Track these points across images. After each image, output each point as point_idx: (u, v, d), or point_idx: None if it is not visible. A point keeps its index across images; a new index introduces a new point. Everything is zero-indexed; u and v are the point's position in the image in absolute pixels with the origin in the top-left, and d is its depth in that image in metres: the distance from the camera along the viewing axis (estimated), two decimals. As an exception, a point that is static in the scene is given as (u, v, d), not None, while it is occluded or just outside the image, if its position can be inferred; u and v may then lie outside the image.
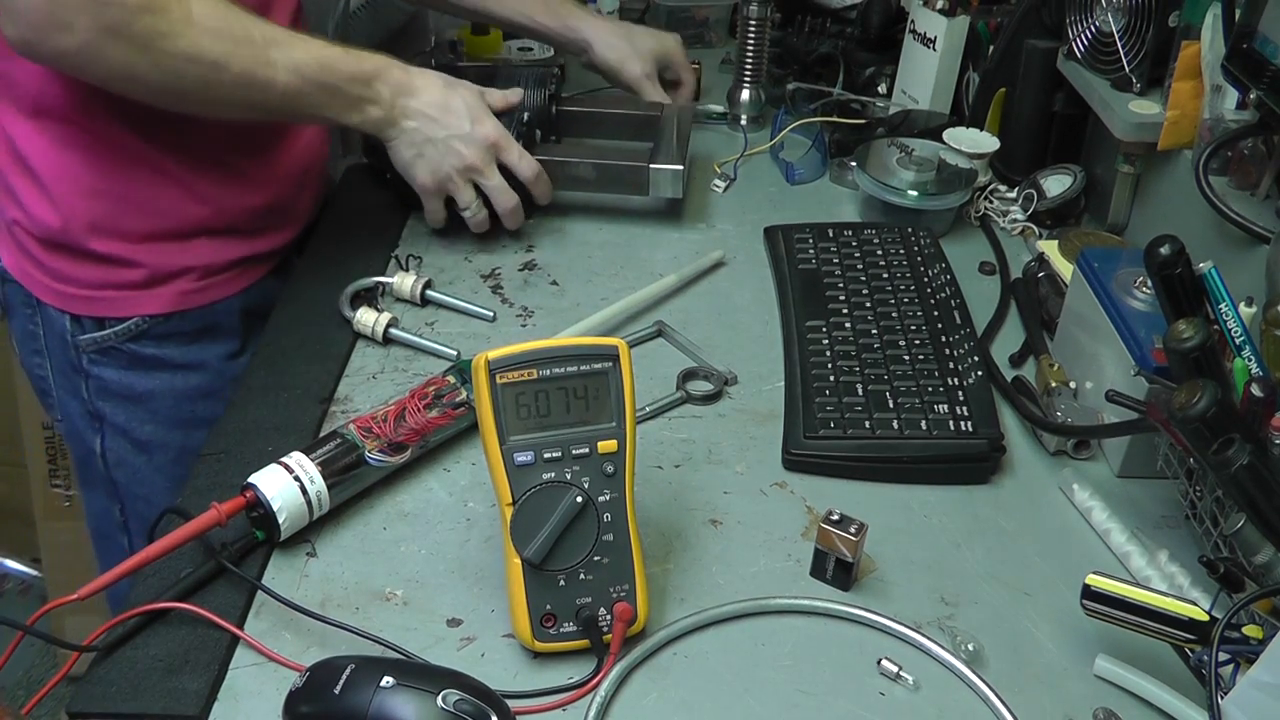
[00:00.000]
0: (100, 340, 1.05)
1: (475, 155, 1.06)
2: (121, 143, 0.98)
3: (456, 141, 1.05)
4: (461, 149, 1.06)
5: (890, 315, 1.02)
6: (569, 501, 0.71)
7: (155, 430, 1.10)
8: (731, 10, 1.70)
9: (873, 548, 0.81)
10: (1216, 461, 0.68)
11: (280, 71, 0.94)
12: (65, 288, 1.04)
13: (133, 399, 1.08)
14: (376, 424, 0.83)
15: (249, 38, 0.92)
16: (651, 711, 0.70)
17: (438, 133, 1.05)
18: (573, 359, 0.72)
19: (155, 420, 1.10)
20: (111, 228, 1.01)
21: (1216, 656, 0.65)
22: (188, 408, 1.10)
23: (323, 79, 0.97)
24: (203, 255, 1.06)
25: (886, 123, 1.37)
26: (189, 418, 1.10)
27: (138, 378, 1.07)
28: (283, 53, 0.94)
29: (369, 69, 1.01)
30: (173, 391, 1.09)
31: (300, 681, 0.66)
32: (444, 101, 1.05)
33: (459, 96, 1.06)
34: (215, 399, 1.08)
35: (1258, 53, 0.94)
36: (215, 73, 0.90)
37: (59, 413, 1.13)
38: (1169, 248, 0.79)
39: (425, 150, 1.05)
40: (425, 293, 1.07)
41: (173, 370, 1.08)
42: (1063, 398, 0.93)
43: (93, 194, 0.99)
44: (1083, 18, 1.20)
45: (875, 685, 0.72)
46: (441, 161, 1.06)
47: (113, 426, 1.10)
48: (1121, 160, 1.17)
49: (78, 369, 1.07)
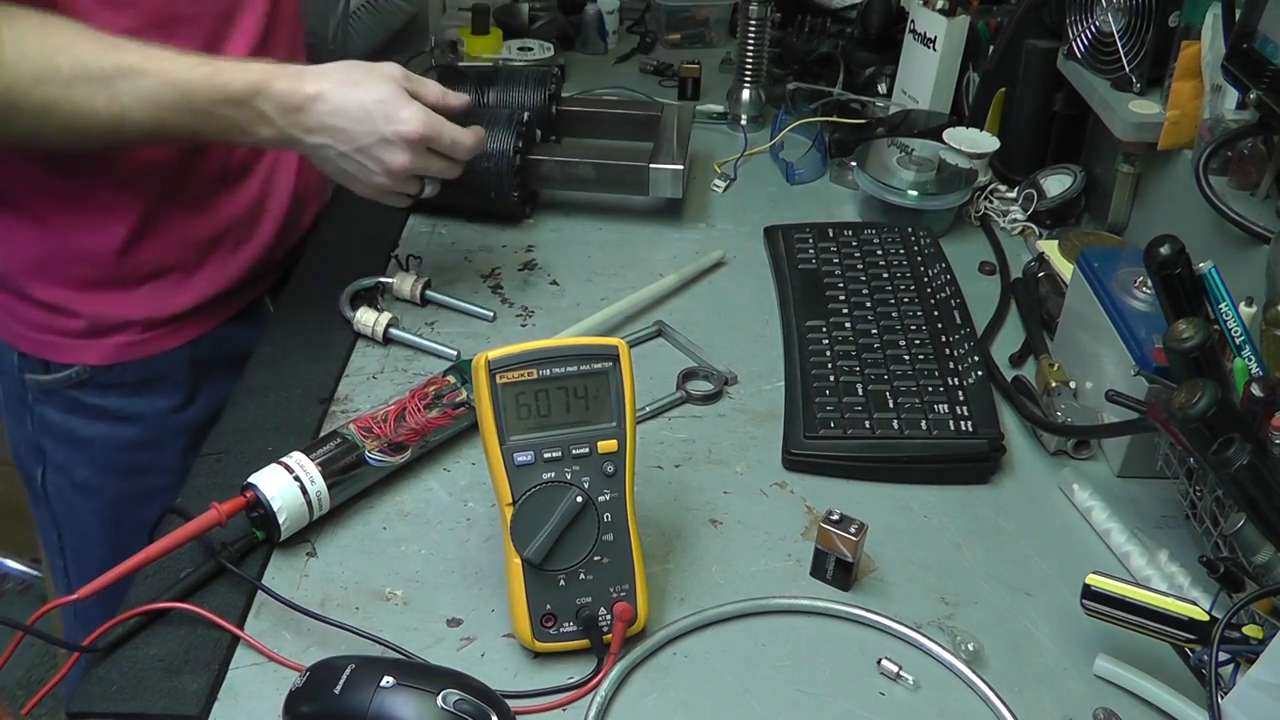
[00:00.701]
0: (43, 383, 1.03)
1: (401, 159, 0.90)
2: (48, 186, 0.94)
3: (375, 149, 0.90)
4: (383, 156, 0.90)
5: (890, 315, 1.02)
6: (569, 501, 0.71)
7: (92, 475, 1.06)
8: (731, 10, 1.70)
9: (873, 548, 0.81)
10: (1216, 461, 0.68)
11: (131, 106, 0.83)
12: (12, 324, 1.02)
13: (73, 442, 1.05)
14: (376, 424, 0.83)
15: (85, 74, 0.82)
16: (651, 711, 0.70)
17: (348, 145, 0.90)
18: (573, 359, 0.72)
19: (93, 466, 1.06)
20: (50, 275, 0.98)
21: (1216, 656, 0.65)
22: (126, 457, 1.06)
23: (186, 107, 0.85)
24: (146, 306, 1.01)
25: (886, 123, 1.37)
26: (128, 467, 1.06)
27: (79, 423, 1.04)
28: (133, 84, 0.83)
29: (241, 88, 0.86)
30: (112, 441, 1.05)
31: (300, 681, 0.66)
32: (347, 106, 0.88)
33: (367, 93, 0.89)
34: (157, 449, 1.06)
35: (1258, 53, 0.94)
36: (41, 119, 0.82)
37: (8, 432, 1.10)
38: (1169, 248, 0.79)
39: (344, 165, 0.91)
40: (425, 292, 1.07)
41: (113, 421, 1.04)
42: (1063, 398, 0.93)
43: (28, 240, 0.97)
44: (1083, 18, 1.20)
45: (875, 685, 0.72)
46: (367, 175, 0.92)
47: (53, 463, 1.07)
48: (1121, 160, 1.17)
49: (23, 402, 1.05)
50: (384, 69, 0.91)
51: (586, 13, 1.65)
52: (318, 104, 0.88)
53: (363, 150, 0.90)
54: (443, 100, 0.94)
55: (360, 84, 0.90)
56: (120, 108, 0.83)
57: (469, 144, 0.95)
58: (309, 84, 0.88)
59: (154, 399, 1.05)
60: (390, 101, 0.89)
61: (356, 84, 0.90)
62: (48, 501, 1.10)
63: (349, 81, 0.90)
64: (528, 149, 1.18)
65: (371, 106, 0.89)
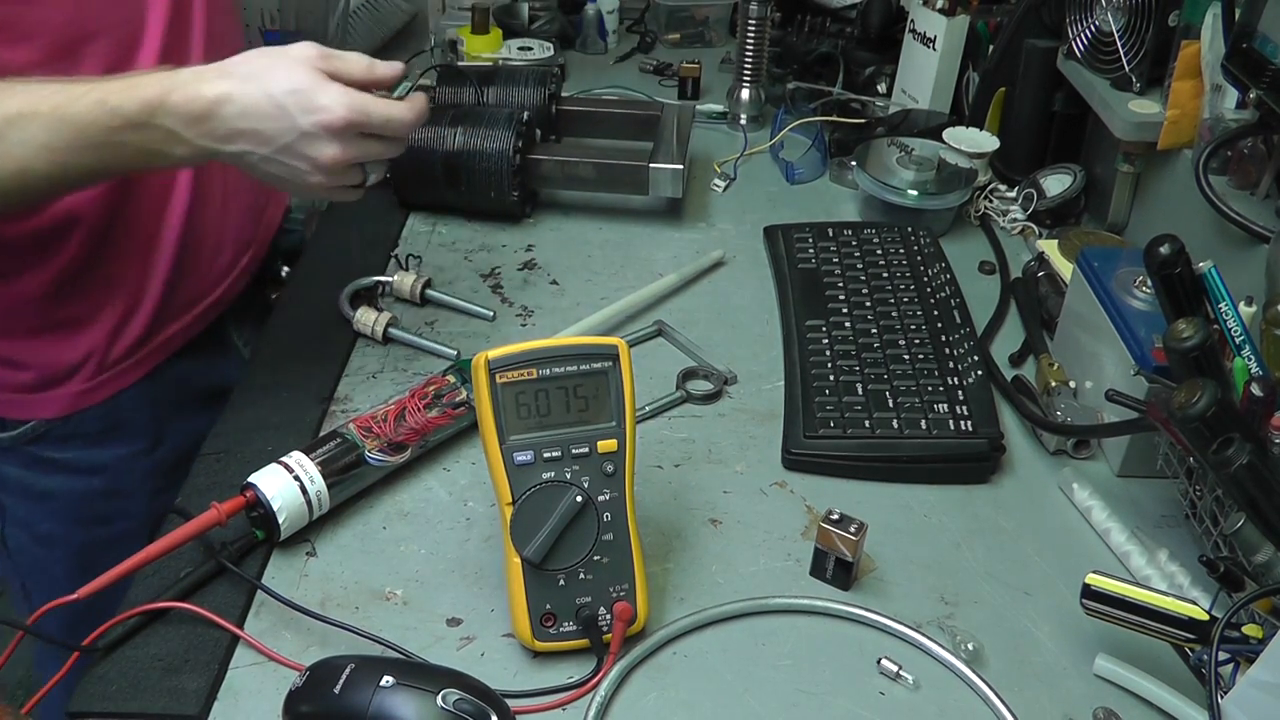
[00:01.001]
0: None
1: (330, 151, 0.80)
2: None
3: (299, 146, 0.79)
4: (309, 152, 0.79)
5: (890, 315, 1.02)
6: (569, 501, 0.71)
7: (55, 527, 1.02)
8: (731, 10, 1.70)
9: (872, 547, 0.81)
10: (1216, 461, 0.68)
11: (26, 159, 0.75)
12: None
13: (33, 497, 1.00)
14: (376, 423, 0.83)
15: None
16: (651, 711, 0.70)
17: (269, 147, 0.79)
18: (572, 358, 0.72)
19: (56, 518, 1.02)
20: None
21: (1216, 656, 0.65)
22: (91, 507, 1.01)
23: (84, 143, 0.76)
24: (93, 349, 0.95)
25: (886, 122, 1.37)
26: (92, 516, 1.01)
27: (38, 478, 0.98)
28: (23, 133, 0.75)
29: (136, 110, 0.76)
30: (75, 493, 1.00)
31: (300, 681, 0.66)
32: (257, 104, 0.78)
33: (277, 84, 0.78)
34: (124, 497, 1.01)
35: (1257, 52, 0.94)
36: None
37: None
38: (1169, 247, 0.79)
39: (271, 170, 0.81)
40: (425, 292, 1.07)
41: (75, 473, 0.99)
42: (1062, 397, 0.93)
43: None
44: (1082, 17, 1.20)
45: (875, 685, 0.72)
46: (298, 176, 0.81)
47: (14, 518, 1.03)
48: (1121, 160, 1.17)
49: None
50: (294, 51, 0.80)
51: (586, 12, 1.65)
52: (224, 107, 0.77)
53: (286, 150, 0.79)
54: (370, 73, 0.82)
55: (268, 75, 0.78)
56: (16, 162, 0.76)
57: (407, 118, 0.83)
58: (210, 86, 0.77)
59: (116, 446, 1.00)
60: (305, 89, 0.78)
61: (263, 76, 0.78)
62: (9, 555, 1.06)
63: (255, 75, 0.78)
64: (527, 148, 1.18)
65: (284, 99, 0.78)
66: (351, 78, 0.81)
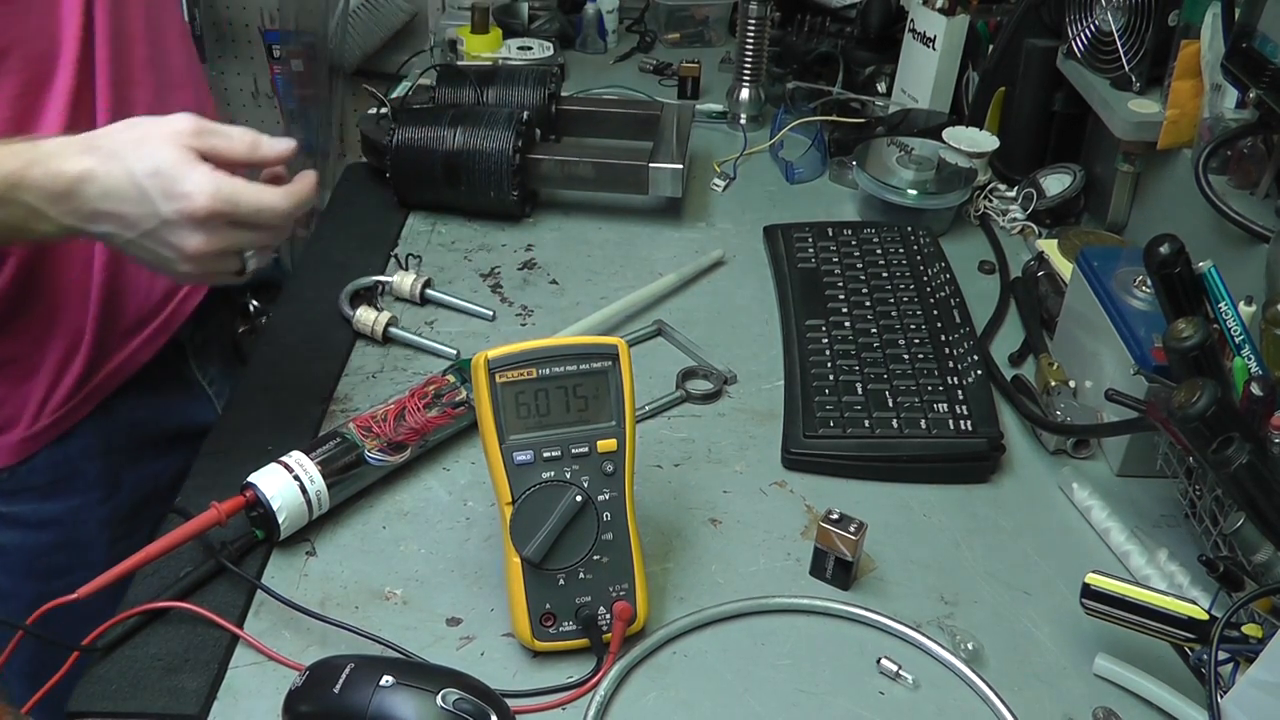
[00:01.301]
0: None
1: (194, 242, 0.72)
2: None
3: (161, 233, 0.72)
4: (172, 240, 0.72)
5: (890, 314, 1.02)
6: (568, 500, 0.71)
7: (7, 580, 0.96)
8: (731, 9, 1.70)
9: (872, 547, 0.81)
10: (1216, 460, 0.68)
11: None
12: None
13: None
14: (376, 423, 0.83)
15: None
16: (651, 710, 0.70)
17: (132, 231, 0.72)
18: (572, 358, 0.72)
19: (7, 572, 0.96)
20: None
21: (1216, 655, 0.65)
22: (45, 561, 0.96)
23: None
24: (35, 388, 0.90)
25: (886, 122, 1.37)
26: (47, 569, 0.95)
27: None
28: None
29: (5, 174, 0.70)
30: (26, 548, 0.94)
31: (300, 680, 0.66)
32: (118, 185, 0.71)
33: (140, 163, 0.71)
34: (79, 548, 0.96)
35: (1257, 52, 0.94)
36: None
37: None
38: (1168, 247, 0.79)
39: (137, 253, 0.74)
40: (425, 292, 1.07)
41: (26, 527, 0.94)
42: (1062, 397, 0.93)
43: None
44: (1082, 17, 1.20)
45: (875, 684, 0.72)
46: (164, 264, 0.75)
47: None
48: (1121, 159, 1.17)
49: None
50: (167, 126, 0.73)
51: (586, 12, 1.65)
52: (85, 186, 0.71)
53: (149, 235, 0.72)
54: (253, 153, 0.75)
55: (133, 153, 0.71)
56: None
57: (281, 207, 0.74)
58: (72, 163, 0.71)
59: (69, 497, 0.95)
60: (167, 172, 0.71)
61: (129, 154, 0.72)
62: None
63: (120, 152, 0.72)
64: (527, 148, 1.18)
65: (145, 181, 0.71)
66: (231, 157, 0.74)
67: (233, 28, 2.29)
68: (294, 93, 2.23)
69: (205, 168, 0.72)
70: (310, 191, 0.77)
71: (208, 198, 0.71)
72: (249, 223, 0.74)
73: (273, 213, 0.74)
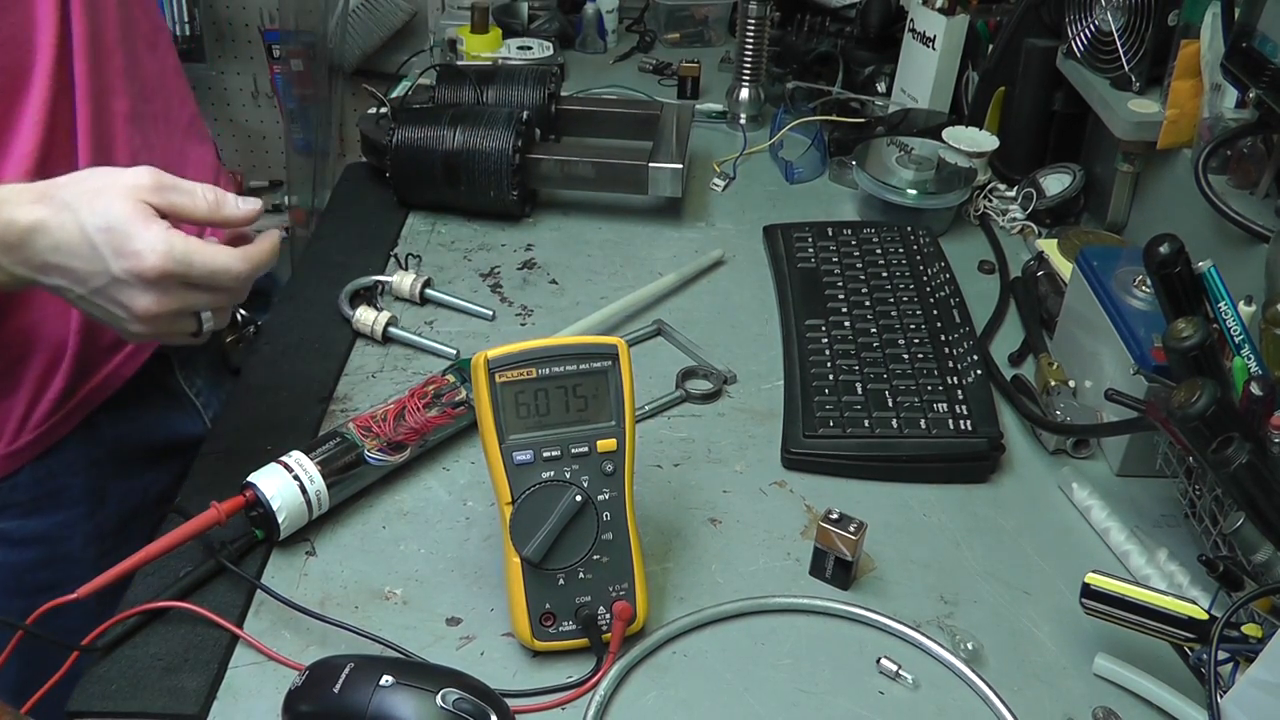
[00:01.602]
0: None
1: (144, 302, 0.70)
2: None
3: (111, 291, 0.70)
4: (122, 299, 0.70)
5: (889, 314, 1.02)
6: (568, 500, 0.71)
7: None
8: (731, 9, 1.70)
9: (872, 547, 0.81)
10: (1216, 460, 0.68)
11: None
12: None
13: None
14: (376, 423, 0.83)
15: None
16: (650, 710, 0.70)
17: (82, 287, 0.70)
18: (572, 358, 0.72)
19: None
20: None
21: (1216, 655, 0.65)
22: (30, 578, 0.92)
23: None
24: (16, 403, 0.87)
25: (886, 121, 1.37)
26: (33, 586, 0.91)
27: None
28: None
29: None
30: (10, 565, 0.91)
31: (299, 680, 0.66)
32: (69, 239, 0.69)
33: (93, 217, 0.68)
34: (66, 563, 0.93)
35: (1257, 51, 0.94)
36: None
37: None
38: (1168, 246, 0.79)
39: (89, 310, 0.72)
40: (424, 291, 1.07)
41: (10, 545, 0.90)
42: (1062, 396, 0.93)
43: None
44: (1082, 16, 1.20)
45: (874, 684, 0.72)
46: (116, 322, 0.72)
47: None
48: (1121, 159, 1.17)
49: None
50: (125, 179, 0.70)
51: (586, 12, 1.65)
52: (37, 237, 0.69)
53: (99, 293, 0.70)
54: (215, 213, 0.72)
55: (87, 205, 0.69)
56: None
57: (238, 270, 0.72)
58: (25, 211, 0.69)
59: (53, 513, 0.92)
60: (120, 229, 0.68)
61: (82, 207, 0.69)
62: None
63: (74, 203, 0.69)
64: (527, 148, 1.18)
65: (97, 237, 0.68)
66: (191, 216, 0.71)
67: (233, 28, 2.29)
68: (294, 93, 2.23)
69: (160, 226, 0.69)
70: (270, 255, 0.75)
71: (159, 257, 0.68)
72: (204, 284, 0.71)
73: (228, 275, 0.71)
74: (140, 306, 0.70)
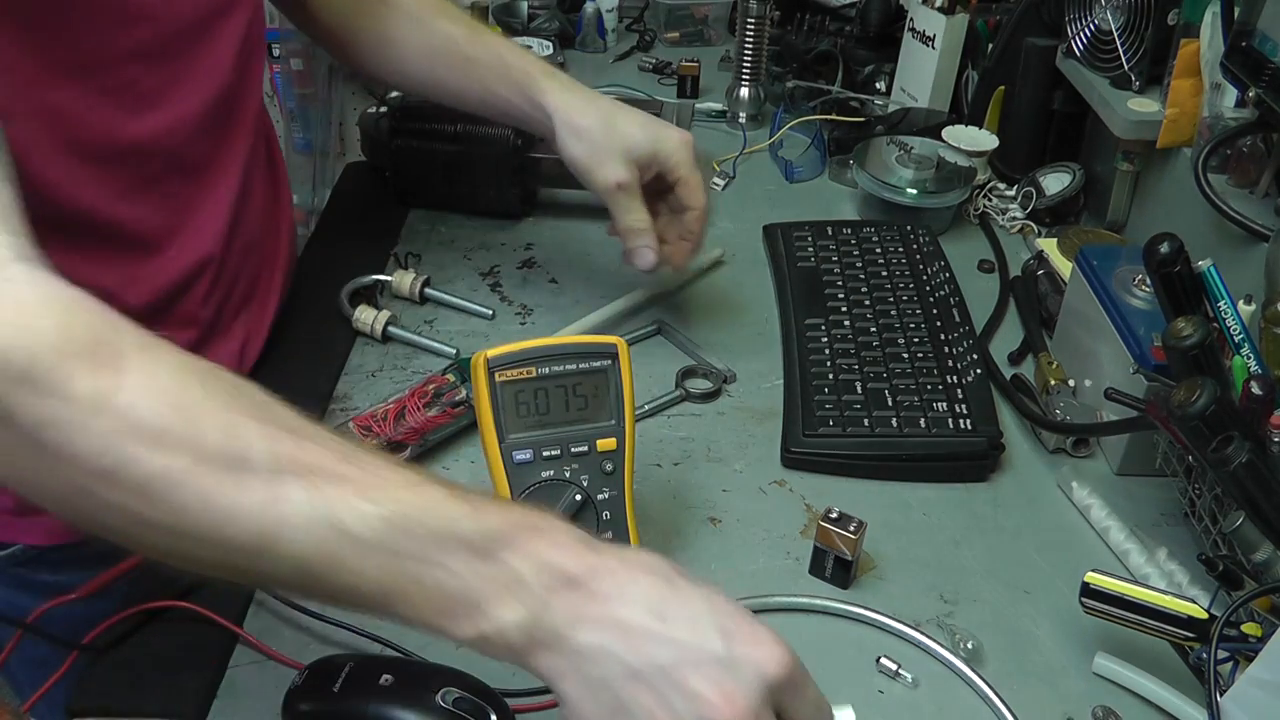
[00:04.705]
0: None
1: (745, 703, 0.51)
2: None
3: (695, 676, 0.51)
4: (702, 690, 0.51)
5: (889, 313, 1.02)
6: (568, 499, 0.71)
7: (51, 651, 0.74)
8: (731, 8, 1.69)
9: (872, 545, 0.81)
10: (1215, 459, 0.68)
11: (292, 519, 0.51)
12: None
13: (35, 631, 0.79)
14: (376, 422, 0.83)
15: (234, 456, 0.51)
16: (651, 709, 0.70)
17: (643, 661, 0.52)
18: (572, 357, 0.72)
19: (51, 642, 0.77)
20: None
21: (1215, 654, 0.65)
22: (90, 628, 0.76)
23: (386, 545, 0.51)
24: None
25: (885, 121, 1.37)
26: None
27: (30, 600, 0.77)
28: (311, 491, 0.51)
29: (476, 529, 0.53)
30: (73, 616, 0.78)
31: (299, 679, 0.66)
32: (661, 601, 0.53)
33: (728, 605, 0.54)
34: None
35: (1257, 50, 0.94)
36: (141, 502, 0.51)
37: None
38: (1168, 246, 0.79)
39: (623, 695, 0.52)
40: (424, 290, 1.07)
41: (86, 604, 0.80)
42: (1062, 396, 0.93)
43: None
44: (1082, 16, 1.20)
45: (874, 683, 0.72)
46: None
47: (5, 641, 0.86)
48: (1120, 158, 1.17)
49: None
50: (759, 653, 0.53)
51: (585, 11, 1.65)
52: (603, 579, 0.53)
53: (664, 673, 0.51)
54: None
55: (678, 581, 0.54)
56: (276, 518, 0.51)
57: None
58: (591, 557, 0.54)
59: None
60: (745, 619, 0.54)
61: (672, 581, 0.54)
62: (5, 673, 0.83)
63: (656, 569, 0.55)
64: (527, 147, 1.18)
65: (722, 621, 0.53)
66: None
67: (232, 27, 2.29)
68: (294, 92, 2.23)
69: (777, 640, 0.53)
70: None
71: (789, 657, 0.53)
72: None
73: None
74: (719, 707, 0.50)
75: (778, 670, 0.52)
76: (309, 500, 0.51)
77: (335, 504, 0.51)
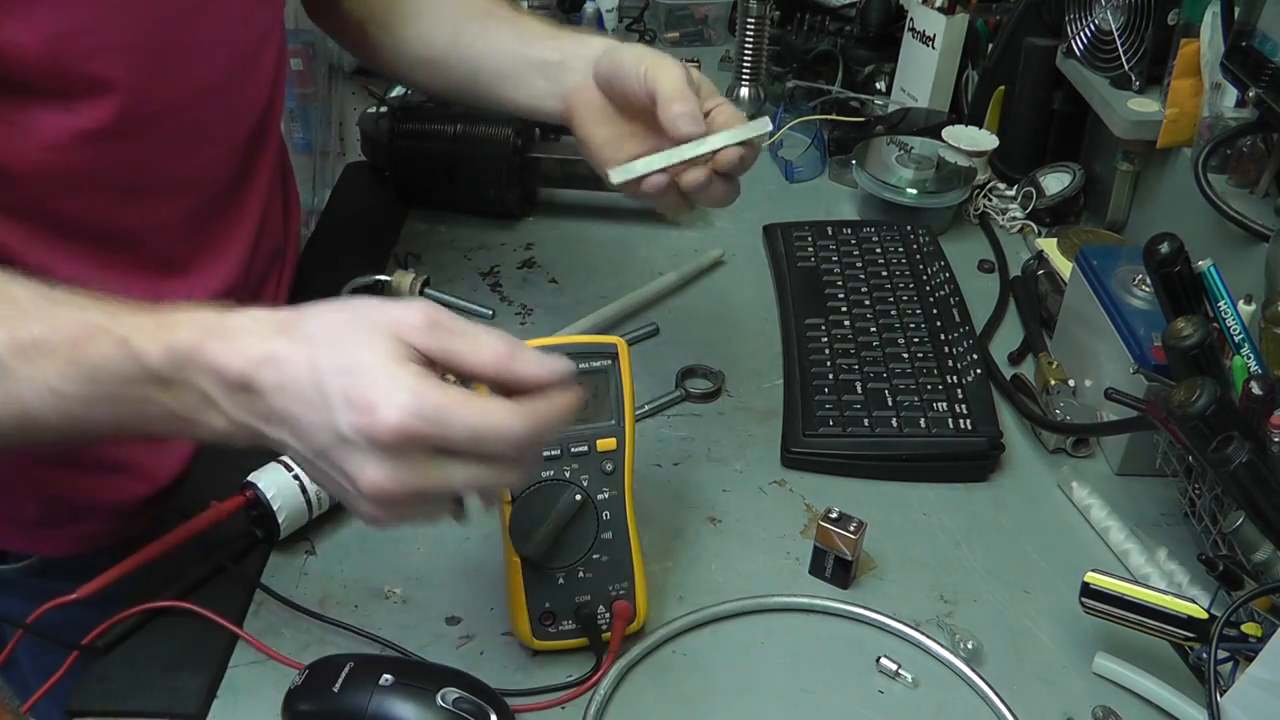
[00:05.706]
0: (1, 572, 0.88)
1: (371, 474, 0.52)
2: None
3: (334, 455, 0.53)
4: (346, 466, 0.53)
5: (889, 313, 1.02)
6: (568, 499, 0.71)
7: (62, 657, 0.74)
8: (731, 8, 1.69)
9: (871, 545, 0.81)
10: (1215, 459, 0.68)
11: (33, 399, 0.56)
12: None
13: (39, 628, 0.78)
14: (375, 422, 0.83)
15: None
16: (650, 709, 0.70)
17: (303, 446, 0.55)
18: (571, 357, 0.71)
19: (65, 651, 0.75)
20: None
21: (1215, 654, 0.65)
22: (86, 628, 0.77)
23: (96, 395, 0.56)
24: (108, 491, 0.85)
25: (885, 120, 1.37)
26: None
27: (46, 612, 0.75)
28: (31, 367, 0.56)
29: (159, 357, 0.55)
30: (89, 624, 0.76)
31: (299, 679, 0.66)
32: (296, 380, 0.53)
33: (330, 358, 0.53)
34: None
35: (1257, 50, 0.94)
36: None
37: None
38: (1168, 245, 0.79)
39: (313, 475, 0.58)
40: (424, 290, 1.07)
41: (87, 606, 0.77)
42: (1062, 395, 0.93)
43: None
44: (1082, 15, 1.20)
45: (874, 683, 0.72)
46: (340, 494, 0.56)
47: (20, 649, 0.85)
48: (1120, 158, 1.17)
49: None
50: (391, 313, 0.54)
51: (585, 11, 1.65)
52: (264, 374, 0.54)
53: (322, 455, 0.54)
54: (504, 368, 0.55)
55: (328, 340, 0.54)
56: (19, 404, 0.57)
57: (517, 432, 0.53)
58: (257, 343, 0.55)
59: None
60: (360, 371, 0.52)
61: (323, 341, 0.54)
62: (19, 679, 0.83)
63: (317, 338, 0.54)
64: (527, 147, 1.18)
65: (328, 381, 0.52)
66: (471, 369, 0.55)
67: (232, 27, 2.29)
68: (294, 92, 2.23)
69: (409, 371, 0.52)
70: (564, 414, 0.56)
71: (398, 412, 0.50)
72: (465, 451, 0.53)
73: (500, 439, 0.53)
74: (369, 479, 0.52)
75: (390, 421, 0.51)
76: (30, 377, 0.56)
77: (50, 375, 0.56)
